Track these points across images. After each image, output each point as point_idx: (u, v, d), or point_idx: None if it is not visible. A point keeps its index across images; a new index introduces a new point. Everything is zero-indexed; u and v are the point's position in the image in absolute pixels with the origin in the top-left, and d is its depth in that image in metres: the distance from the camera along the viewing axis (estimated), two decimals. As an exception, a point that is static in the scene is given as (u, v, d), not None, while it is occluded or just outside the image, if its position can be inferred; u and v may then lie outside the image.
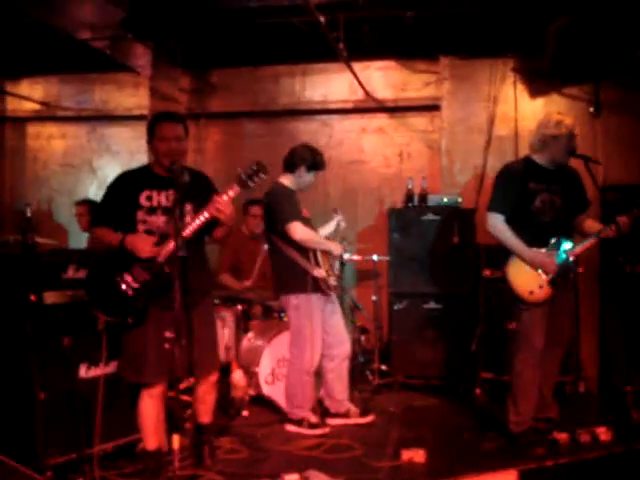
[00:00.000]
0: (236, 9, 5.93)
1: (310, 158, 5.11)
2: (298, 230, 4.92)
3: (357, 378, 5.95)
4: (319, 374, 5.27)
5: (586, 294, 6.28)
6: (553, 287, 4.58)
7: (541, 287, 4.59)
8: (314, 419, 5.07)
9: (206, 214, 3.71)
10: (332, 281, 5.07)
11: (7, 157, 8.42)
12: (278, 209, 5.00)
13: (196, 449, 4.28)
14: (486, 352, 6.04)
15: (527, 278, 4.60)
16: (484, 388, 6.01)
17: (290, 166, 5.14)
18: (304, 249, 4.99)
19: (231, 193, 3.71)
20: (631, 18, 5.29)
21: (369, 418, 5.27)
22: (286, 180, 5.16)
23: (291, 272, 5.04)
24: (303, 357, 5.06)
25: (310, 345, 5.03)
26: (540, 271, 4.58)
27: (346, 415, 5.25)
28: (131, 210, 3.87)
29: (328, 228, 5.56)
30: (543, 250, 4.60)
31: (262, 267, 6.38)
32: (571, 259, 4.63)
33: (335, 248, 5.14)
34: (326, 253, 5.10)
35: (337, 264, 5.23)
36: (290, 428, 5.07)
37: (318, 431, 4.98)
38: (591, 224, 4.80)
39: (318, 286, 5.00)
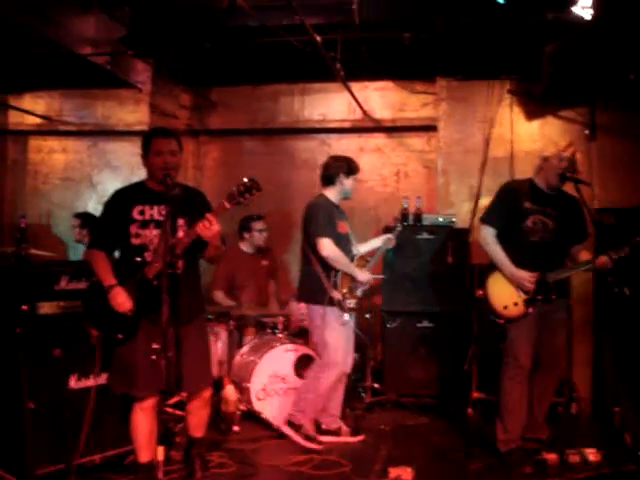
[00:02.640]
0: (235, 27, 5.99)
1: (345, 165, 5.27)
2: (327, 247, 5.00)
3: (350, 396, 5.92)
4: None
5: (580, 315, 6.31)
6: (528, 307, 4.61)
7: (516, 304, 4.64)
8: (312, 432, 5.11)
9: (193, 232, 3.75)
10: (349, 304, 5.09)
11: (8, 170, 8.45)
12: (314, 221, 5.12)
13: (187, 463, 4.32)
14: (479, 372, 6.05)
15: (504, 293, 4.67)
16: (476, 408, 6.00)
17: (329, 179, 5.28)
18: (328, 266, 5.06)
19: (221, 210, 3.74)
20: (624, 42, 5.33)
21: (359, 437, 5.28)
22: (329, 193, 5.29)
23: (313, 283, 5.13)
24: (327, 366, 5.11)
25: (331, 355, 5.09)
26: (518, 289, 4.62)
27: (337, 433, 5.27)
28: (124, 224, 3.92)
29: (372, 243, 5.56)
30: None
31: (254, 283, 6.44)
32: (550, 284, 4.65)
33: (360, 275, 5.14)
34: (348, 275, 5.12)
35: (360, 289, 5.20)
36: (286, 430, 5.13)
37: (311, 445, 5.01)
38: (584, 255, 4.80)
39: (334, 302, 5.05)
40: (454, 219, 6.53)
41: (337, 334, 5.08)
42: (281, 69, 7.25)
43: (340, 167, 5.24)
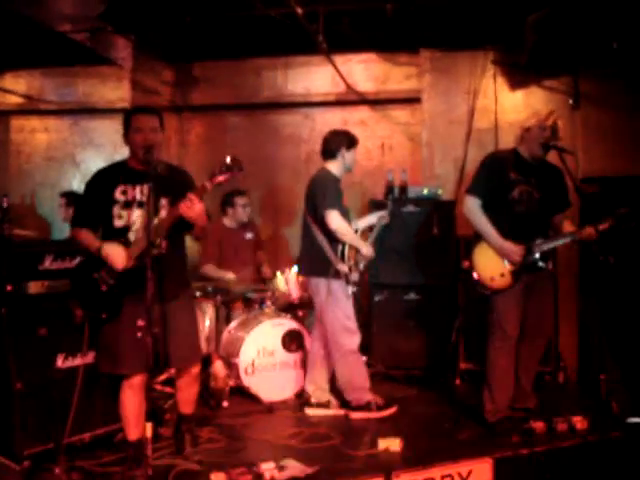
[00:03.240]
0: (215, 1, 5.93)
1: (345, 138, 5.25)
2: (335, 219, 4.99)
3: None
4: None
5: (565, 284, 6.34)
6: (515, 278, 4.63)
7: (502, 275, 4.65)
8: (380, 400, 5.16)
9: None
10: (354, 277, 5.11)
11: (-10, 151, 8.40)
12: (322, 193, 5.08)
13: (177, 439, 4.33)
14: (466, 343, 6.11)
15: (491, 264, 4.67)
16: (464, 379, 6.06)
17: (331, 153, 5.24)
18: (334, 239, 5.06)
19: (202, 191, 3.73)
20: (608, 10, 5.32)
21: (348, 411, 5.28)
22: (332, 167, 5.25)
23: (317, 256, 5.13)
24: (342, 338, 5.13)
25: (343, 325, 5.11)
26: (505, 260, 4.64)
27: (326, 405, 5.29)
28: (107, 206, 3.91)
29: (367, 219, 5.56)
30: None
31: (241, 257, 6.44)
32: (537, 255, 4.67)
33: (365, 249, 5.14)
34: (354, 249, 5.13)
35: (363, 263, 5.22)
36: (357, 416, 5.13)
37: (386, 412, 5.09)
38: (567, 225, 4.82)
39: (340, 275, 5.07)
40: (439, 191, 6.53)
41: (347, 306, 5.12)
42: (263, 43, 7.18)
43: (341, 141, 5.22)
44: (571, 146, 5.67)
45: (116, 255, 3.77)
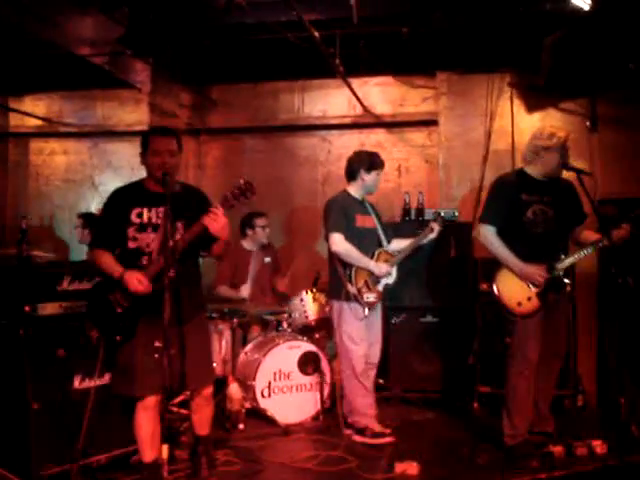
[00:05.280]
0: (233, 25, 5.98)
1: (366, 159, 5.29)
2: (335, 242, 5.07)
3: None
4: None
5: (584, 307, 6.28)
6: (542, 300, 4.59)
7: (529, 299, 4.60)
8: (378, 428, 5.10)
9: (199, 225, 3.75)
10: (367, 298, 5.09)
11: (10, 173, 8.47)
12: (325, 217, 5.21)
13: (193, 461, 4.29)
14: (483, 366, 6.03)
15: (516, 290, 4.61)
16: (481, 402, 5.99)
17: (351, 175, 5.33)
18: (345, 261, 5.10)
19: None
20: (623, 32, 5.32)
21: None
22: (351, 188, 5.34)
23: (333, 278, 5.21)
24: (345, 363, 5.16)
25: (347, 351, 5.12)
26: (529, 283, 4.60)
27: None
28: (122, 226, 3.90)
29: (410, 240, 5.45)
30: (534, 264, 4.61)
31: (259, 280, 6.43)
32: (561, 273, 4.63)
33: (375, 268, 5.13)
34: (366, 270, 5.12)
35: (382, 283, 5.22)
36: (356, 438, 5.11)
37: (382, 440, 5.02)
38: (588, 234, 4.80)
39: (350, 297, 5.08)
40: (456, 213, 6.51)
41: (353, 329, 5.10)
42: (281, 66, 7.25)
43: (361, 163, 5.26)
44: (589, 168, 5.66)
45: (138, 282, 3.76)
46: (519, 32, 5.98)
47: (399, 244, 5.43)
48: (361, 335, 5.13)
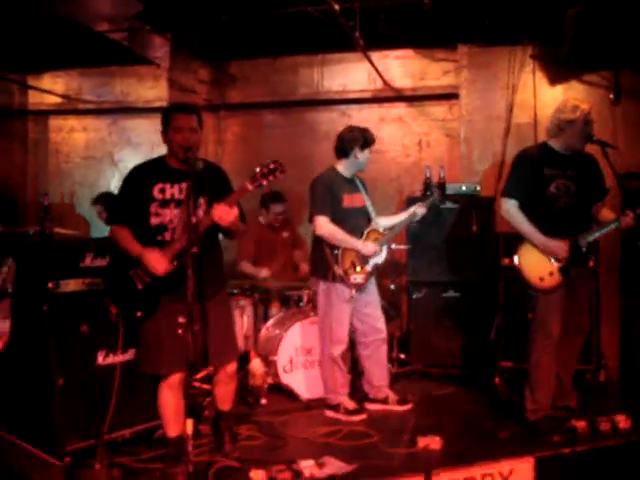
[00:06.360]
0: (252, -2, 5.94)
1: (360, 137, 5.14)
2: (320, 225, 5.00)
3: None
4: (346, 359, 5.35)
5: (607, 283, 6.23)
6: (564, 275, 4.55)
7: (551, 274, 4.57)
8: (351, 405, 5.11)
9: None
10: (355, 279, 5.04)
11: (30, 150, 8.50)
12: (311, 199, 5.12)
13: (216, 436, 4.34)
14: (505, 341, 6.01)
15: (538, 264, 4.58)
16: (503, 377, 5.97)
17: (343, 152, 5.19)
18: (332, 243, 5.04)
19: (243, 192, 3.77)
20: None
21: (407, 406, 5.27)
22: (340, 166, 5.24)
23: (319, 259, 5.12)
24: (325, 343, 5.14)
25: (329, 332, 5.09)
26: (552, 258, 4.57)
27: (384, 401, 5.28)
28: (145, 203, 3.90)
29: (400, 216, 5.46)
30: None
31: (278, 255, 6.44)
32: (584, 248, 4.59)
33: (363, 248, 5.07)
34: (354, 250, 5.07)
35: (371, 263, 5.15)
36: (329, 414, 5.13)
37: (355, 417, 5.02)
38: (606, 213, 4.75)
39: (337, 278, 5.03)
40: (478, 187, 6.47)
41: (338, 311, 5.07)
42: (300, 40, 7.17)
43: (356, 140, 5.12)
44: (612, 141, 5.56)
45: (157, 262, 3.77)
46: (542, 3, 5.89)
47: (387, 221, 5.40)
48: (345, 317, 5.11)
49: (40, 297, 3.97)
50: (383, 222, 5.37)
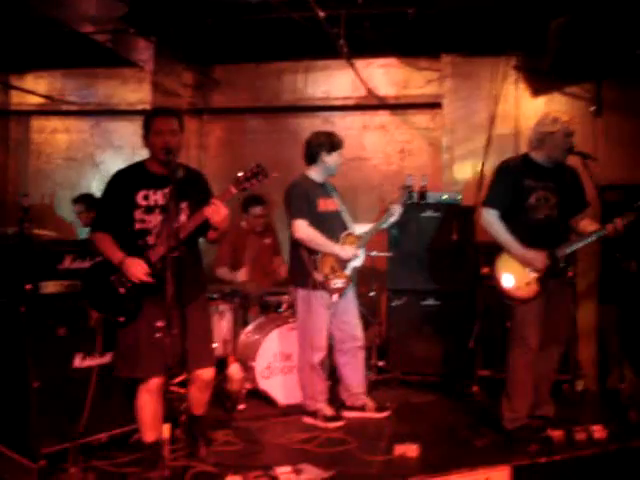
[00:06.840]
0: (237, 4, 5.93)
1: (326, 141, 5.13)
2: (299, 228, 4.97)
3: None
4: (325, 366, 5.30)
5: (584, 292, 6.29)
6: (541, 285, 4.58)
7: (528, 284, 4.59)
8: (329, 412, 5.09)
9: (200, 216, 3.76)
10: (335, 284, 5.02)
11: (11, 151, 8.46)
12: (287, 204, 5.10)
13: (190, 440, 4.29)
14: (484, 349, 6.03)
15: (515, 274, 4.60)
16: (481, 386, 5.99)
17: (311, 157, 5.18)
18: (311, 248, 5.00)
19: (227, 195, 3.78)
20: (632, 17, 5.28)
21: (385, 414, 5.26)
22: (312, 172, 5.22)
23: (297, 266, 5.10)
24: (304, 350, 5.12)
25: (309, 339, 5.07)
26: (529, 269, 4.59)
27: (362, 409, 5.27)
28: (129, 209, 3.90)
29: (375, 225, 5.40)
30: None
31: (259, 261, 6.42)
32: (562, 262, 4.62)
33: (341, 251, 5.05)
34: (333, 255, 5.05)
35: (350, 267, 5.14)
36: (307, 420, 5.11)
37: (333, 424, 4.99)
38: (586, 224, 4.78)
39: (317, 285, 5.01)
40: (459, 197, 6.49)
41: (321, 319, 5.06)
42: (284, 46, 7.19)
43: (322, 145, 5.11)
44: (593, 153, 5.61)
45: (138, 271, 3.77)
46: (525, 15, 5.94)
47: (363, 227, 5.35)
48: (325, 324, 5.09)
49: (18, 298, 3.94)
50: (359, 228, 5.35)
